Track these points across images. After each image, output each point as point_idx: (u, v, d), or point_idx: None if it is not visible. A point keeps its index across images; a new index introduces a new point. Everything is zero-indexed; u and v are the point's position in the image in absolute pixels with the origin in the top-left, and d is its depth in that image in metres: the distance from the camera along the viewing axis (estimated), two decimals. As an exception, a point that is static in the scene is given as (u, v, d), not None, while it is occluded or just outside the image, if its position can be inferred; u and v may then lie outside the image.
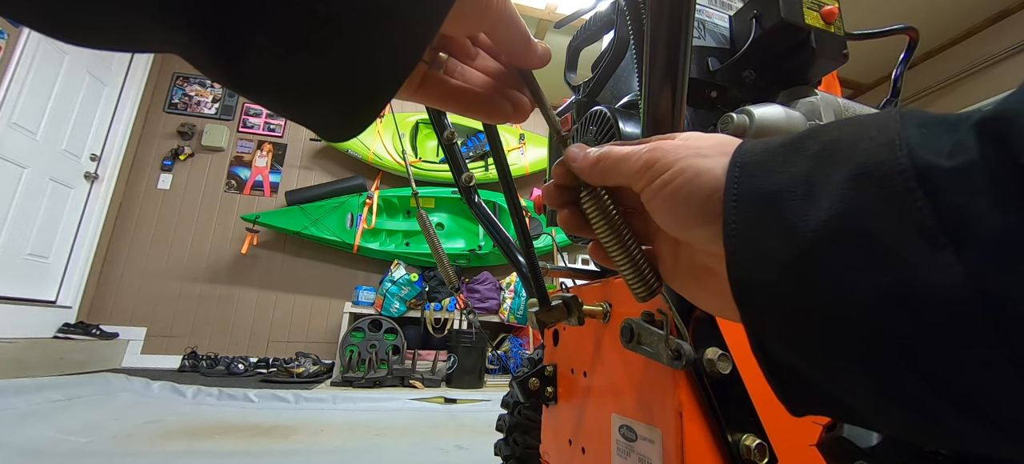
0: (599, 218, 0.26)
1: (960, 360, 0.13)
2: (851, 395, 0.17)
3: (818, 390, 0.19)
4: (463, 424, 2.03)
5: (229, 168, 3.54)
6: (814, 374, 0.18)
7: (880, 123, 0.16)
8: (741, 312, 0.20)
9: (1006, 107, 0.13)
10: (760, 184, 0.19)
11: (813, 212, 0.16)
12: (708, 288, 0.24)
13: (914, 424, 0.16)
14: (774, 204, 0.18)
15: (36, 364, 2.31)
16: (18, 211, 2.55)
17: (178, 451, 1.48)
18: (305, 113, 0.21)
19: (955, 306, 0.13)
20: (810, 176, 0.17)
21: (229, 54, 0.17)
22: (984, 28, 3.18)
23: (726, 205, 0.20)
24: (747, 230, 0.19)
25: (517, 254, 0.77)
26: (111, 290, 3.16)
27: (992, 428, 0.14)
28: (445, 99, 0.27)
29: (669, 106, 0.33)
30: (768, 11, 0.54)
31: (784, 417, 0.41)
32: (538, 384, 0.67)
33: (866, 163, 0.16)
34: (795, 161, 0.18)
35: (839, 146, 0.17)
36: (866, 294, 0.15)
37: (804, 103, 0.54)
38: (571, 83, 0.76)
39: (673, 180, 0.22)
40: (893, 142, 0.15)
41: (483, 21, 0.24)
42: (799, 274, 0.17)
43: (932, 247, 0.13)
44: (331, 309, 3.46)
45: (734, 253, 0.19)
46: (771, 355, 0.20)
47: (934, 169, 0.14)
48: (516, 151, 3.82)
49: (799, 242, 0.17)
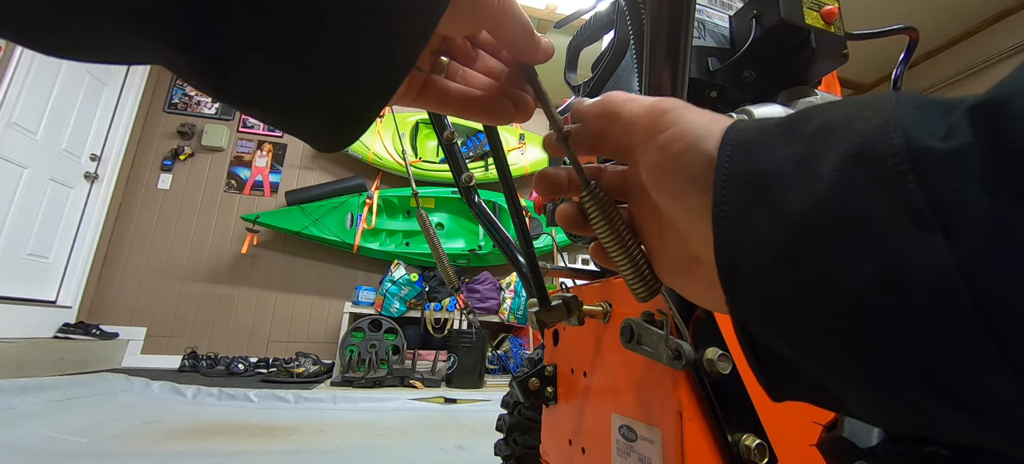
0: (599, 217, 0.26)
1: (946, 348, 0.13)
2: (835, 381, 0.17)
3: (801, 376, 0.19)
4: (463, 424, 2.03)
5: (229, 168, 3.54)
6: (798, 359, 0.18)
7: (875, 104, 0.16)
8: (726, 296, 0.19)
9: (1001, 92, 0.13)
10: (752, 165, 0.18)
11: (804, 195, 0.16)
12: (696, 276, 0.24)
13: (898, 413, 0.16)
14: (766, 186, 0.18)
15: (36, 364, 2.31)
16: (18, 211, 2.55)
17: (178, 451, 1.48)
18: (295, 125, 0.20)
19: (943, 292, 0.13)
20: (803, 157, 0.17)
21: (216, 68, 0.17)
22: (984, 28, 3.18)
23: (716, 184, 0.19)
24: (737, 212, 0.18)
25: (517, 254, 0.77)
26: (111, 290, 3.16)
27: (976, 417, 0.14)
28: (447, 104, 0.27)
29: (669, 106, 0.33)
30: (768, 11, 0.54)
31: (784, 417, 0.41)
32: (538, 384, 0.67)
33: (859, 144, 0.15)
34: (788, 142, 0.18)
35: (833, 127, 0.17)
36: (855, 278, 0.15)
37: (804, 103, 0.54)
38: (571, 83, 0.76)
39: (678, 141, 0.21)
40: (887, 123, 0.15)
41: (485, 18, 0.23)
42: (788, 258, 0.16)
43: (922, 231, 0.13)
44: (331, 309, 3.46)
45: (722, 235, 0.19)
46: (755, 340, 0.19)
47: (927, 151, 0.14)
48: (516, 151, 3.82)
49: (789, 226, 0.16)
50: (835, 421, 0.33)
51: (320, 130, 0.21)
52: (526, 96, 0.28)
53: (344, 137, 0.21)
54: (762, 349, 0.19)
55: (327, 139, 0.21)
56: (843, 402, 0.18)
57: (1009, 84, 0.13)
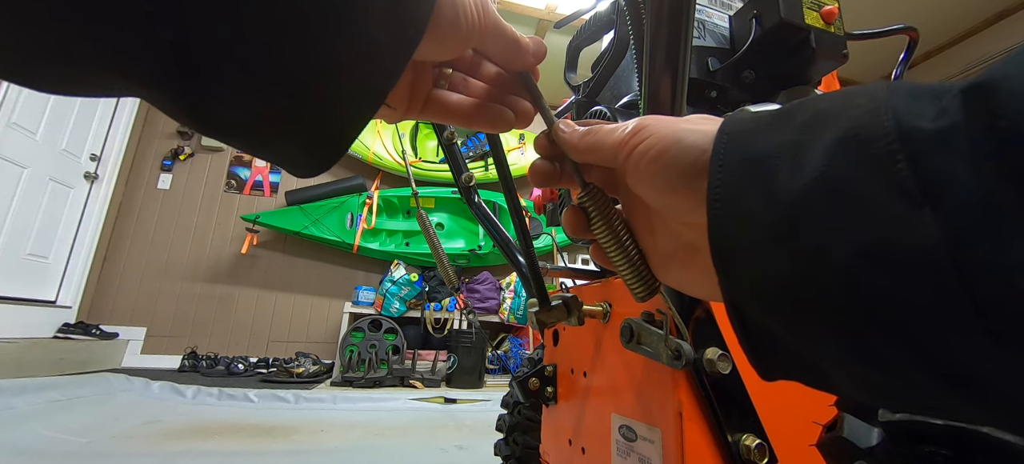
0: (597, 218, 0.26)
1: (933, 322, 0.14)
2: (825, 358, 0.18)
3: (793, 355, 0.19)
4: (463, 424, 2.03)
5: (229, 168, 3.54)
6: (789, 338, 0.18)
7: (868, 92, 0.16)
8: (719, 276, 0.20)
9: (993, 74, 0.13)
10: (746, 151, 0.19)
11: (797, 176, 0.17)
12: (693, 266, 0.24)
13: (887, 388, 0.16)
14: (759, 169, 0.18)
15: (36, 364, 2.31)
16: (18, 211, 2.55)
17: (178, 451, 1.48)
18: (271, 154, 0.21)
19: (930, 267, 0.13)
20: (796, 143, 0.17)
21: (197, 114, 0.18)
22: (984, 28, 3.18)
23: (711, 171, 0.20)
24: (731, 194, 0.19)
25: (517, 254, 0.77)
26: (111, 290, 3.16)
27: (963, 391, 0.14)
28: (449, 116, 0.27)
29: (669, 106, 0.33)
30: (768, 11, 0.54)
31: (784, 417, 0.41)
32: (538, 384, 0.67)
33: (851, 128, 0.16)
34: (782, 130, 0.18)
35: (826, 115, 0.17)
36: (845, 255, 0.15)
37: (804, 103, 0.54)
38: (571, 83, 0.76)
39: (657, 145, 0.22)
40: (879, 108, 0.15)
41: (467, 41, 0.24)
42: (779, 235, 0.17)
43: (911, 206, 0.14)
44: (331, 309, 3.46)
45: (716, 217, 0.19)
46: (747, 319, 0.20)
47: (917, 131, 0.14)
48: (516, 151, 3.82)
49: (781, 205, 0.17)
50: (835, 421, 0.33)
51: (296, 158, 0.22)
52: (525, 103, 0.29)
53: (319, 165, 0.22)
54: (754, 328, 0.20)
55: (303, 166, 0.22)
56: (833, 380, 0.19)
57: (1001, 68, 0.13)
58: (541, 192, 0.76)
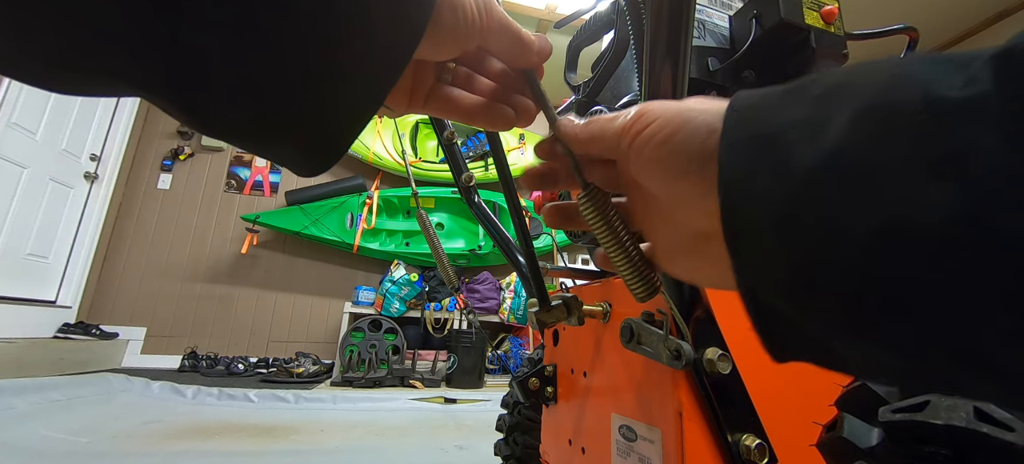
0: (597, 218, 0.26)
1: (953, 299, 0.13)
2: (838, 339, 0.17)
3: (805, 336, 0.19)
4: (463, 424, 2.03)
5: (229, 168, 3.54)
6: (802, 319, 0.18)
7: (888, 64, 0.16)
8: (732, 258, 0.19)
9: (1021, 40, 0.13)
10: (757, 128, 0.18)
11: (812, 151, 0.16)
12: (705, 255, 0.23)
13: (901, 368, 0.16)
14: (773, 146, 0.17)
15: (36, 364, 2.30)
16: (18, 211, 2.55)
17: (178, 451, 1.48)
18: (271, 154, 0.22)
19: (952, 240, 0.13)
20: (812, 118, 0.17)
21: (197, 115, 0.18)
22: (984, 28, 3.18)
23: (721, 150, 0.19)
24: (743, 174, 0.18)
25: (517, 254, 0.77)
26: (111, 290, 3.16)
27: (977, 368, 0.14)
28: (451, 111, 0.27)
29: (669, 106, 0.33)
30: (768, 11, 0.54)
31: (784, 417, 0.41)
32: (538, 384, 0.67)
33: (873, 101, 0.15)
34: (796, 104, 0.18)
35: (843, 88, 0.17)
36: (862, 231, 0.15)
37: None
38: (571, 83, 0.76)
39: (664, 128, 0.22)
40: (898, 76, 0.15)
41: (470, 38, 0.23)
42: (794, 215, 0.16)
43: (933, 177, 0.13)
44: (331, 309, 3.46)
45: (728, 200, 0.19)
46: (759, 300, 0.19)
47: (944, 101, 0.14)
48: (516, 151, 3.82)
49: (796, 182, 0.16)
50: (835, 421, 0.33)
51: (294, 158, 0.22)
52: (527, 101, 0.28)
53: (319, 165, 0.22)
54: (767, 310, 0.19)
55: (302, 166, 0.22)
56: (846, 360, 0.18)
57: None
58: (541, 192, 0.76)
